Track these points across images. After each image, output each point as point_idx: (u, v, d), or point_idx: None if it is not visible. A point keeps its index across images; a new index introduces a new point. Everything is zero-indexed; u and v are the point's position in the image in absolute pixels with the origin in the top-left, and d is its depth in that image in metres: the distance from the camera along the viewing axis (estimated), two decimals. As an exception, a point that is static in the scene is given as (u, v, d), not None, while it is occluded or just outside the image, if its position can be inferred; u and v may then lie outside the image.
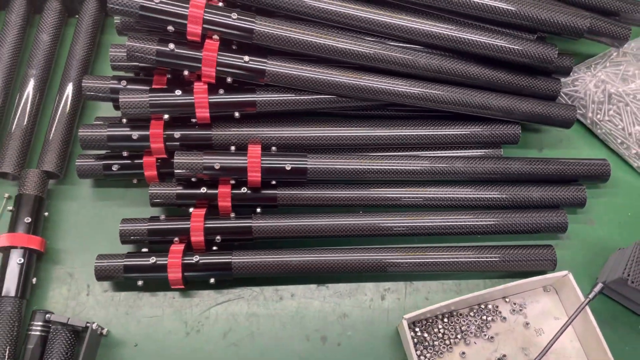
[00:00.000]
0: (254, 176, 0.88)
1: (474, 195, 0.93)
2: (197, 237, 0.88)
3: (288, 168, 0.89)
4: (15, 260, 0.86)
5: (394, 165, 0.92)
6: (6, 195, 0.95)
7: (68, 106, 0.98)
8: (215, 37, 0.85)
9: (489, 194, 0.93)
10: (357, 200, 0.92)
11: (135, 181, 0.97)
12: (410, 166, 0.92)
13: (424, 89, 0.90)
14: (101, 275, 0.87)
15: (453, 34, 0.88)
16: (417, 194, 0.92)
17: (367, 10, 0.87)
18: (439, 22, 0.89)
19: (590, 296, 0.84)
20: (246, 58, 0.86)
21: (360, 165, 0.91)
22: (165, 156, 0.91)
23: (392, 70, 0.90)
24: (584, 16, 0.90)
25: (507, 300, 0.90)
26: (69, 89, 0.99)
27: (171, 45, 0.84)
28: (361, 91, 0.89)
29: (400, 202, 0.92)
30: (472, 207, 0.94)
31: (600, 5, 0.99)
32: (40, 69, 1.01)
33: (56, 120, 0.97)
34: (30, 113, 0.98)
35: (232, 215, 0.90)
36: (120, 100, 0.86)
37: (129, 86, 0.92)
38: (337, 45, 0.87)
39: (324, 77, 0.88)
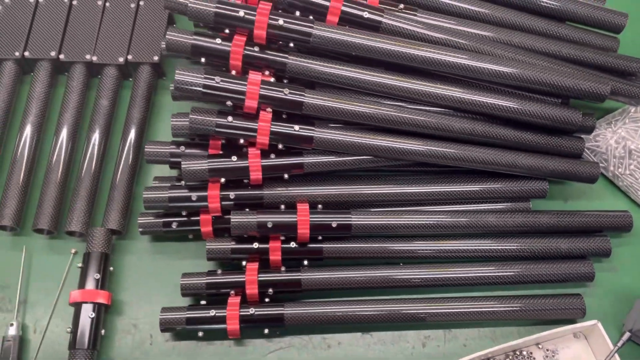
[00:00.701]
0: (304, 233, 0.96)
1: (506, 247, 1.00)
2: (252, 291, 0.95)
3: (334, 225, 0.97)
4: (87, 314, 0.94)
5: (430, 220, 0.99)
6: (73, 250, 1.04)
7: (128, 167, 1.07)
8: (269, 109, 0.93)
9: (520, 246, 1.00)
10: (397, 253, 0.99)
11: (190, 236, 1.05)
12: (446, 220, 0.99)
13: (459, 151, 0.98)
14: (165, 326, 0.95)
15: (485, 101, 0.96)
16: (452, 246, 1.00)
17: (405, 80, 0.96)
18: (472, 90, 0.97)
19: (619, 344, 0.90)
20: (296, 127, 0.94)
21: (400, 220, 0.99)
22: (220, 214, 0.99)
23: (429, 133, 0.98)
24: (605, 82, 0.98)
25: (540, 346, 0.96)
26: (130, 151, 1.08)
27: (229, 118, 0.93)
28: (400, 153, 0.97)
29: (437, 254, 1.00)
30: (503, 258, 1.01)
31: (618, 67, 1.08)
32: (101, 133, 1.10)
33: (117, 180, 1.06)
34: (94, 174, 1.06)
35: (283, 268, 0.98)
36: (182, 167, 0.94)
37: (187, 151, 1.01)
38: (377, 112, 0.95)
39: (366, 142, 0.96)
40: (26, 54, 1.14)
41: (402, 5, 1.02)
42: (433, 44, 0.98)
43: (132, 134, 1.10)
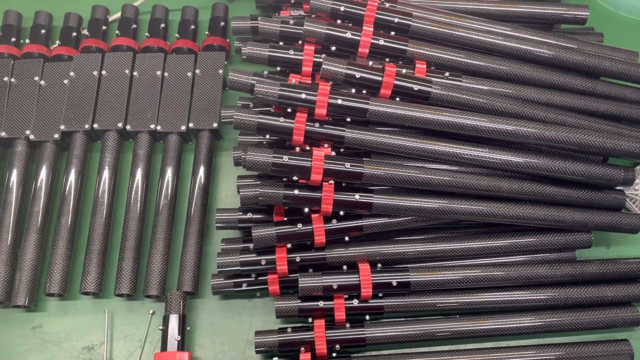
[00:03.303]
0: (366, 292, 1.04)
1: (554, 296, 1.07)
2: (321, 348, 1.03)
3: (394, 284, 1.04)
4: (172, 374, 1.03)
5: (483, 273, 1.06)
6: (151, 311, 1.12)
7: (197, 230, 1.15)
8: (331, 181, 1.01)
9: (568, 295, 1.07)
10: (453, 305, 1.06)
11: (258, 294, 1.13)
12: (498, 273, 1.06)
13: (508, 209, 1.04)
14: (243, 384, 1.03)
15: (531, 162, 1.03)
16: (505, 297, 1.07)
17: (455, 146, 1.03)
18: (518, 152, 1.04)
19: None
20: (357, 196, 1.02)
21: (455, 275, 1.06)
22: (287, 275, 1.07)
23: (480, 194, 1.05)
24: (643, 141, 1.04)
25: (592, 391, 1.03)
26: (197, 214, 1.16)
27: (296, 191, 1.00)
28: (453, 214, 1.04)
29: (490, 305, 1.07)
30: (552, 307, 1.08)
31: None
32: (170, 199, 1.18)
33: (188, 245, 1.14)
34: (166, 239, 1.15)
35: (347, 325, 1.05)
36: (253, 235, 1.02)
37: (253, 217, 1.09)
38: (431, 178, 1.02)
39: (421, 205, 1.03)
40: (95, 126, 1.23)
41: (447, 73, 1.09)
42: (478, 109, 1.05)
43: (197, 198, 1.18)
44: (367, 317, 1.07)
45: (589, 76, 1.16)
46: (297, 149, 1.02)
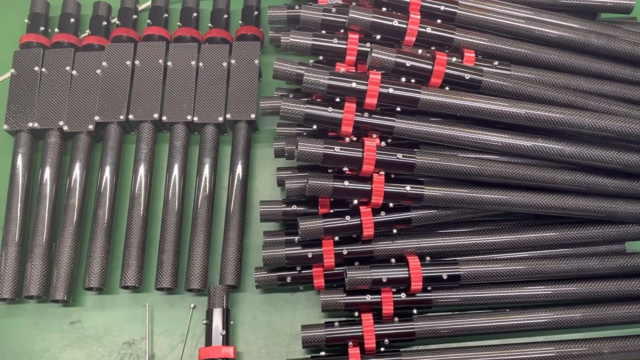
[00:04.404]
0: (417, 285, 1.02)
1: (606, 289, 1.05)
2: (371, 343, 1.01)
3: (445, 277, 1.02)
4: (218, 370, 1.01)
5: (533, 266, 1.04)
6: (192, 305, 1.10)
7: (237, 224, 1.13)
8: (382, 172, 0.99)
9: (619, 287, 1.05)
10: (503, 299, 1.05)
11: (301, 288, 1.11)
12: (548, 266, 1.04)
13: (562, 201, 1.03)
14: (292, 379, 1.01)
15: (586, 153, 1.02)
16: (554, 289, 1.05)
17: (507, 136, 1.01)
18: (571, 142, 1.02)
19: None
20: (408, 187, 0.99)
21: (505, 267, 1.04)
22: (334, 268, 1.05)
23: (533, 185, 1.03)
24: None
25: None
26: (237, 207, 1.14)
27: (346, 182, 0.98)
28: (506, 205, 1.02)
29: (540, 298, 1.05)
30: (604, 300, 1.06)
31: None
32: (209, 191, 1.16)
33: (229, 238, 1.12)
34: (206, 232, 1.12)
35: (396, 319, 1.03)
36: (300, 227, 1.00)
37: (298, 209, 1.07)
38: (484, 169, 1.00)
39: (473, 195, 1.01)
40: (130, 117, 1.20)
41: (496, 62, 1.07)
42: (530, 98, 1.03)
43: (237, 190, 1.16)
44: (415, 311, 1.05)
45: (636, 66, 1.13)
46: (347, 139, 1.00)
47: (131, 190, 1.16)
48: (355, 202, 1.01)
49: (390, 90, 0.97)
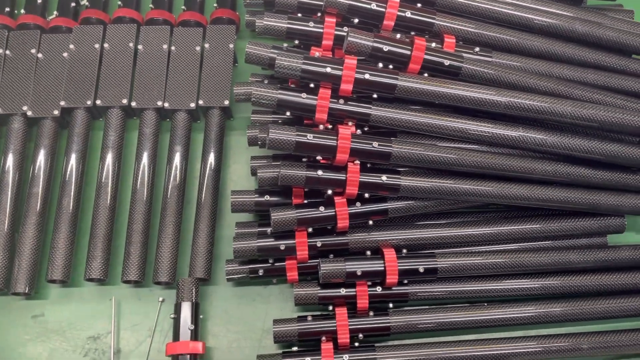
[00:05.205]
0: (392, 278, 0.98)
1: (586, 283, 1.02)
2: (344, 337, 0.98)
3: (421, 270, 0.99)
4: (185, 365, 0.97)
5: (512, 259, 1.01)
6: (160, 299, 1.06)
7: (208, 215, 1.09)
8: (357, 161, 0.95)
9: (600, 281, 1.02)
10: (481, 293, 1.02)
11: (274, 281, 1.07)
12: (528, 260, 1.01)
13: (541, 192, 1.00)
14: (263, 377, 0.97)
15: (567, 143, 0.98)
16: (534, 284, 1.02)
17: (486, 125, 0.97)
18: (552, 132, 0.99)
19: None
20: (384, 177, 0.96)
21: (485, 260, 1.00)
22: (307, 261, 1.01)
23: (511, 176, 0.99)
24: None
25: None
26: (209, 197, 1.10)
27: (319, 172, 0.94)
28: (483, 196, 0.99)
29: (519, 292, 1.02)
30: (584, 294, 1.03)
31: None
32: (179, 180, 1.11)
33: (199, 229, 1.08)
34: (176, 223, 1.08)
35: (371, 313, 1.00)
36: (272, 218, 0.96)
37: (271, 199, 1.03)
38: (463, 158, 0.97)
39: (453, 187, 0.98)
40: (97, 102, 1.15)
41: (477, 49, 1.03)
42: (511, 86, 0.99)
43: (209, 179, 1.12)
44: (391, 305, 1.02)
45: (621, 54, 1.10)
46: (321, 127, 0.96)
47: (98, 178, 1.11)
48: (330, 192, 0.97)
49: (367, 76, 0.93)
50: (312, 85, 0.95)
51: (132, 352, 1.03)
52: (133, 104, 1.15)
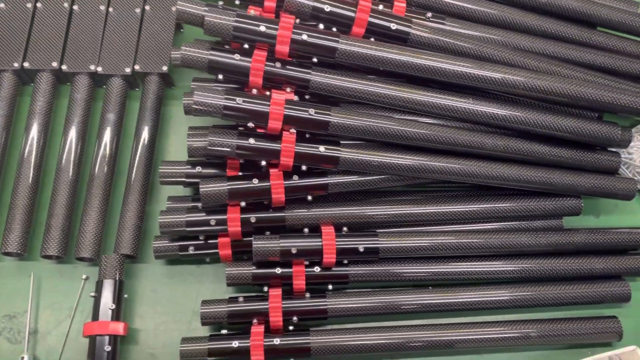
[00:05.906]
0: (329, 258, 0.92)
1: (538, 267, 0.96)
2: (277, 320, 0.91)
3: (361, 249, 0.92)
4: (103, 347, 0.89)
5: (461, 241, 0.95)
6: (84, 276, 0.98)
7: (140, 186, 1.01)
8: (292, 130, 0.88)
9: (553, 266, 0.96)
10: (426, 275, 0.95)
11: (207, 259, 1.00)
12: (477, 241, 0.95)
13: (491, 169, 0.93)
14: (186, 358, 0.90)
15: (519, 116, 0.92)
16: (484, 267, 0.96)
17: (435, 95, 0.90)
18: (505, 105, 0.92)
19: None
20: (322, 148, 0.89)
21: (430, 241, 0.94)
22: (240, 238, 0.94)
23: (460, 151, 0.93)
24: (642, 95, 0.93)
25: (575, 372, 0.93)
26: (140, 168, 1.02)
27: (251, 140, 0.87)
28: (430, 172, 0.92)
29: (466, 276, 0.96)
30: (535, 279, 0.97)
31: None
32: (110, 150, 1.03)
33: (129, 201, 1.00)
34: (104, 195, 1.00)
35: (307, 295, 0.93)
36: (201, 191, 0.89)
37: (203, 171, 0.96)
38: (408, 130, 0.90)
39: (395, 161, 0.91)
40: (25, 64, 1.07)
41: (429, 14, 0.96)
42: (463, 54, 0.92)
43: (142, 151, 1.04)
44: (330, 287, 0.95)
45: (585, 25, 1.04)
46: (254, 91, 0.89)
47: (22, 145, 1.03)
48: (265, 164, 0.90)
49: (304, 37, 0.86)
50: (246, 46, 0.88)
51: (50, 332, 0.95)
52: (64, 67, 1.07)
